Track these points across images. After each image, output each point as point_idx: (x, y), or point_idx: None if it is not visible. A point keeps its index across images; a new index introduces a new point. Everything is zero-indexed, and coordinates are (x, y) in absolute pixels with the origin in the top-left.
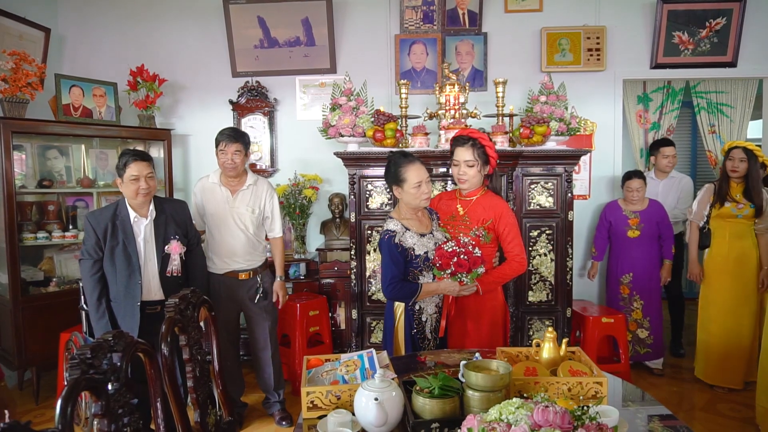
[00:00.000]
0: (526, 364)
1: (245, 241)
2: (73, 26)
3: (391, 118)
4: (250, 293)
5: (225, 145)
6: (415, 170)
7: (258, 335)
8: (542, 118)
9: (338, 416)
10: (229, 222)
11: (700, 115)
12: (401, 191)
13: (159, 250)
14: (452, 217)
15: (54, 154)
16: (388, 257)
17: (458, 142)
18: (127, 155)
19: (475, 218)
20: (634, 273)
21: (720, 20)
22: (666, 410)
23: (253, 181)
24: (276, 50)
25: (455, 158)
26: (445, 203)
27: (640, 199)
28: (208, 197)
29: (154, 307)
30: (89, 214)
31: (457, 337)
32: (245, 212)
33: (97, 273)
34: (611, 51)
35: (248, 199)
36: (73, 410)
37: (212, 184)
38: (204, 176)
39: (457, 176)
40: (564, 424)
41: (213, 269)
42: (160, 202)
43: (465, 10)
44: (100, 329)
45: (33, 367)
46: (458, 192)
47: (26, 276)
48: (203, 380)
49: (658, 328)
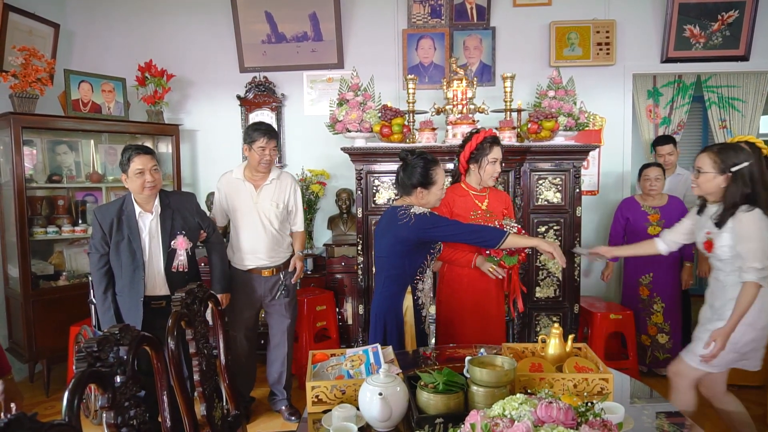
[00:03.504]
0: (532, 360)
1: (270, 237)
2: (82, 22)
3: (399, 114)
4: (272, 290)
5: (265, 142)
6: (441, 173)
7: (275, 332)
8: (550, 113)
9: (343, 411)
10: (253, 217)
11: (711, 110)
12: (426, 193)
13: (165, 246)
14: (475, 212)
15: (63, 149)
16: (445, 219)
17: (496, 141)
18: (130, 150)
19: (495, 210)
20: (654, 273)
21: (732, 13)
22: (673, 407)
23: (276, 175)
24: (283, 45)
25: (493, 156)
26: (461, 199)
27: (658, 190)
28: (232, 193)
29: (159, 302)
30: (96, 209)
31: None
32: (270, 207)
33: (104, 267)
34: (621, 45)
35: (272, 193)
36: (80, 402)
37: (236, 180)
38: (227, 171)
39: (492, 174)
40: (567, 421)
41: (236, 265)
42: (166, 196)
43: (473, 5)
44: (106, 322)
45: (43, 360)
46: (468, 187)
47: (36, 270)
48: (210, 374)
49: (679, 332)
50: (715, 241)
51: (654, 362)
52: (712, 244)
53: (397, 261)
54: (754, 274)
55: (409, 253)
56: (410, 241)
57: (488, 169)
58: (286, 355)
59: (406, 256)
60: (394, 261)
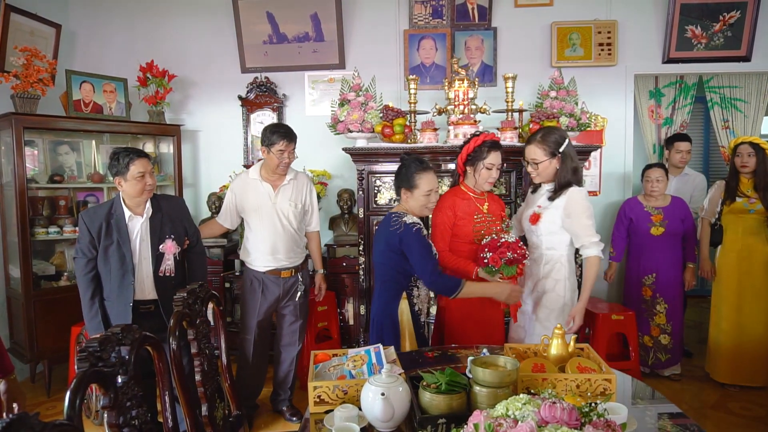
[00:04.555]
0: (534, 361)
1: (289, 237)
2: (84, 22)
3: (400, 114)
4: (290, 291)
5: (285, 145)
6: (429, 179)
7: (286, 332)
8: (552, 113)
9: (345, 411)
10: (273, 218)
11: (713, 111)
12: (410, 196)
13: (154, 249)
14: (478, 215)
15: (65, 150)
16: (420, 247)
17: (496, 146)
18: (128, 153)
19: (495, 214)
20: (657, 273)
21: (734, 13)
22: (676, 408)
23: (293, 175)
24: (285, 46)
25: (490, 161)
26: (463, 202)
27: (661, 191)
28: (249, 194)
29: (147, 306)
30: (83, 213)
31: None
32: (288, 207)
33: (91, 272)
34: (623, 45)
35: (290, 193)
36: (82, 402)
37: (254, 180)
38: (242, 173)
39: (486, 179)
40: (571, 421)
41: (253, 266)
42: (157, 200)
43: (474, 5)
44: (93, 329)
45: (45, 360)
46: (467, 189)
47: (38, 270)
48: (211, 374)
49: (680, 332)
50: (543, 215)
51: (656, 363)
52: (539, 217)
53: (390, 267)
54: (595, 248)
55: (400, 260)
56: (398, 248)
57: (483, 173)
58: (295, 356)
59: (398, 263)
60: (387, 267)
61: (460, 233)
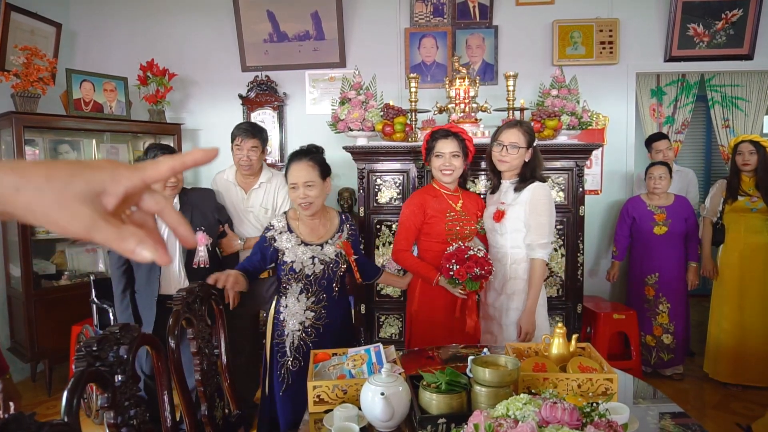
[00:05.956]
0: (535, 360)
1: None
2: (84, 21)
3: (401, 112)
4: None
5: (241, 141)
6: (294, 170)
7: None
8: (553, 111)
9: (344, 411)
10: (245, 221)
11: (714, 109)
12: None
13: None
14: (450, 213)
15: (65, 149)
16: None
17: (443, 133)
18: (156, 149)
19: (469, 212)
20: (660, 273)
21: (736, 12)
22: (678, 408)
23: (266, 178)
24: (285, 44)
25: (439, 150)
26: (434, 200)
27: (663, 189)
28: (225, 196)
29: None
30: None
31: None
32: (260, 212)
33: (123, 265)
34: (624, 44)
35: (261, 197)
36: (79, 402)
37: (227, 182)
38: (220, 171)
39: (440, 168)
40: (572, 421)
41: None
42: (185, 193)
43: (476, 3)
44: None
45: (45, 360)
46: (439, 186)
47: (38, 269)
48: (211, 374)
49: (683, 332)
50: (508, 212)
51: (659, 363)
52: (503, 214)
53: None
54: (541, 250)
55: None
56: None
57: (434, 162)
58: None
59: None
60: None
61: (431, 232)
